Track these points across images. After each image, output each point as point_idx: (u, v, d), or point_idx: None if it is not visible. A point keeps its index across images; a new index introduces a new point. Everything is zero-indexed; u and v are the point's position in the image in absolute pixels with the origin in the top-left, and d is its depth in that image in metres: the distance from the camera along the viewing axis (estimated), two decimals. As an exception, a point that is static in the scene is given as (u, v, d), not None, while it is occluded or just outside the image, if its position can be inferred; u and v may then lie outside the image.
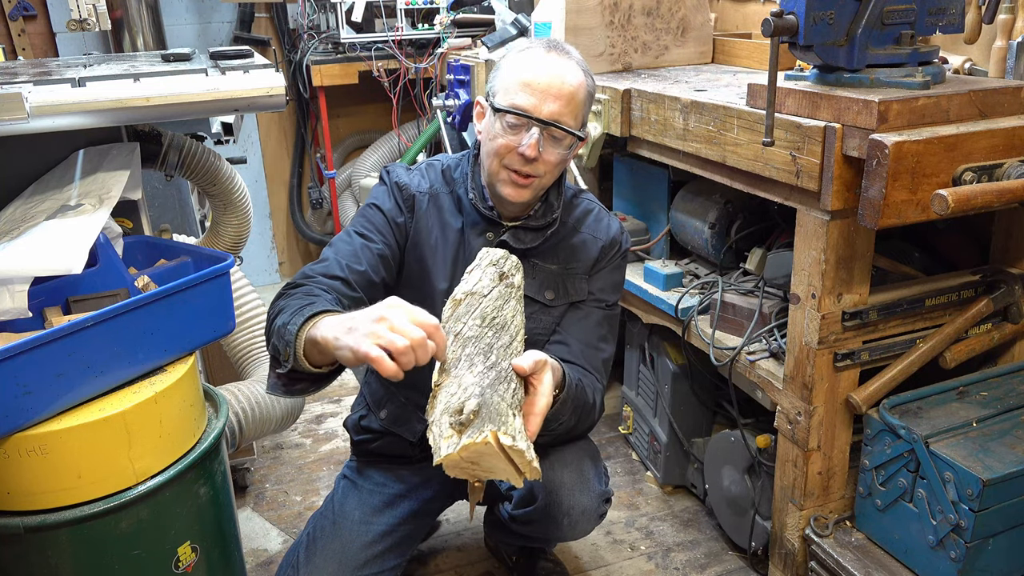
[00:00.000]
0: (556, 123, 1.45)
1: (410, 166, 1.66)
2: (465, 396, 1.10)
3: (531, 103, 1.44)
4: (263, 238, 4.07)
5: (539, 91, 1.44)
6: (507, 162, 1.48)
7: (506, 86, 1.47)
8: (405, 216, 1.58)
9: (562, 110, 1.45)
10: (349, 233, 1.55)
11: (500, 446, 1.05)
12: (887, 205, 1.33)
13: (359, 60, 3.30)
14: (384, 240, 1.55)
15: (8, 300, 1.21)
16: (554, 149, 1.48)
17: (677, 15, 2.38)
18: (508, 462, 1.08)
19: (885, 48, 1.47)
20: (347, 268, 1.45)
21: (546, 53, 1.48)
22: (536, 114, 1.44)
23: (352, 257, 1.49)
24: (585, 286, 1.63)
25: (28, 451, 1.17)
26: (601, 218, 1.67)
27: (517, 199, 1.51)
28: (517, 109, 1.44)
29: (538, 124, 1.45)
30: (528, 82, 1.45)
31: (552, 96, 1.44)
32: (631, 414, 2.45)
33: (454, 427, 1.07)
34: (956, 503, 1.45)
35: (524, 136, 1.45)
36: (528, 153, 1.44)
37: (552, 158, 1.48)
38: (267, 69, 1.56)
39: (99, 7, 2.43)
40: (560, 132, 1.46)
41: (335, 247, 1.52)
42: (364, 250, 1.51)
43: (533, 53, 1.48)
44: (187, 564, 1.36)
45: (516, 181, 1.49)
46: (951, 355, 1.66)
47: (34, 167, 1.54)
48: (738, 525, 2.02)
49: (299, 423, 2.72)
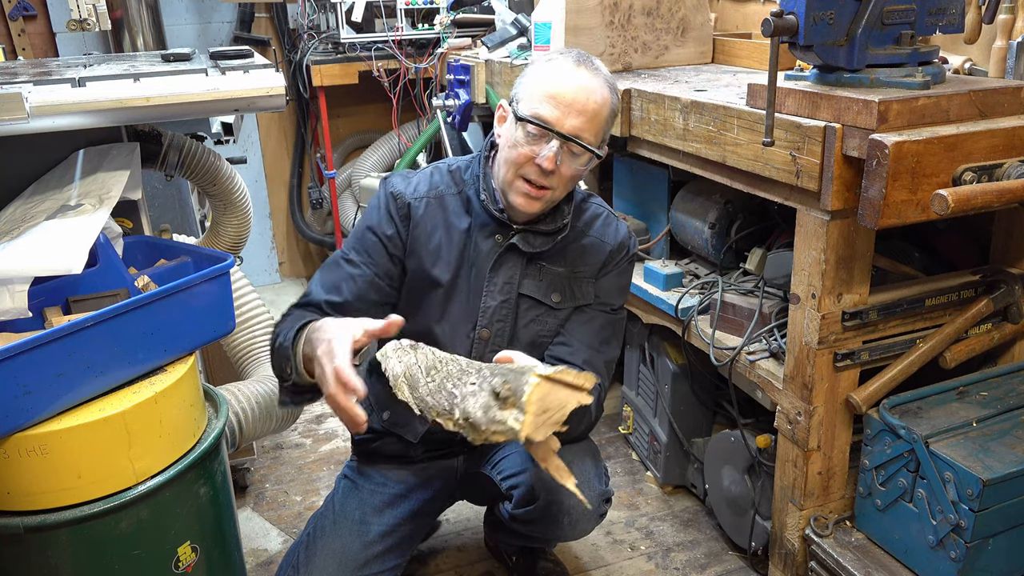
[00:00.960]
0: (576, 139, 1.44)
1: (413, 171, 1.66)
2: (485, 389, 1.17)
3: (554, 116, 1.43)
4: (263, 238, 4.07)
5: (563, 104, 1.43)
6: (523, 172, 1.48)
7: (531, 95, 1.46)
8: (399, 228, 1.57)
9: (584, 126, 1.44)
10: (338, 261, 1.59)
11: (548, 378, 1.14)
12: (887, 205, 1.33)
13: (359, 60, 3.30)
14: (372, 261, 1.56)
15: (8, 300, 1.21)
16: (571, 164, 1.47)
17: (677, 15, 2.38)
18: (565, 387, 1.17)
19: (885, 48, 1.47)
20: (326, 303, 1.52)
21: (575, 67, 1.47)
22: (558, 127, 1.43)
23: (335, 291, 1.54)
24: (591, 290, 1.64)
25: (28, 451, 1.17)
26: (610, 222, 1.67)
27: (527, 209, 1.51)
28: (539, 120, 1.44)
29: (558, 138, 1.44)
30: (553, 94, 1.44)
31: (576, 111, 1.44)
32: (631, 414, 2.45)
33: (503, 408, 1.13)
34: (956, 503, 1.45)
35: (543, 147, 1.45)
36: (546, 165, 1.44)
37: (568, 172, 1.48)
38: (267, 69, 1.56)
39: (99, 7, 2.43)
40: (579, 148, 1.46)
41: (322, 276, 1.58)
42: (348, 280, 1.55)
43: (562, 65, 1.47)
44: (187, 564, 1.36)
45: (529, 192, 1.49)
46: (951, 355, 1.66)
47: (34, 167, 1.54)
48: (738, 525, 2.02)
49: (299, 423, 2.72)
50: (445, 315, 1.60)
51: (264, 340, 2.10)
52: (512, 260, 1.59)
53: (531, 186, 1.49)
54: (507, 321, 1.61)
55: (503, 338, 1.61)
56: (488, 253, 1.58)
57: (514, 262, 1.59)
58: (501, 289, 1.59)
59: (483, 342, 1.61)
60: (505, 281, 1.59)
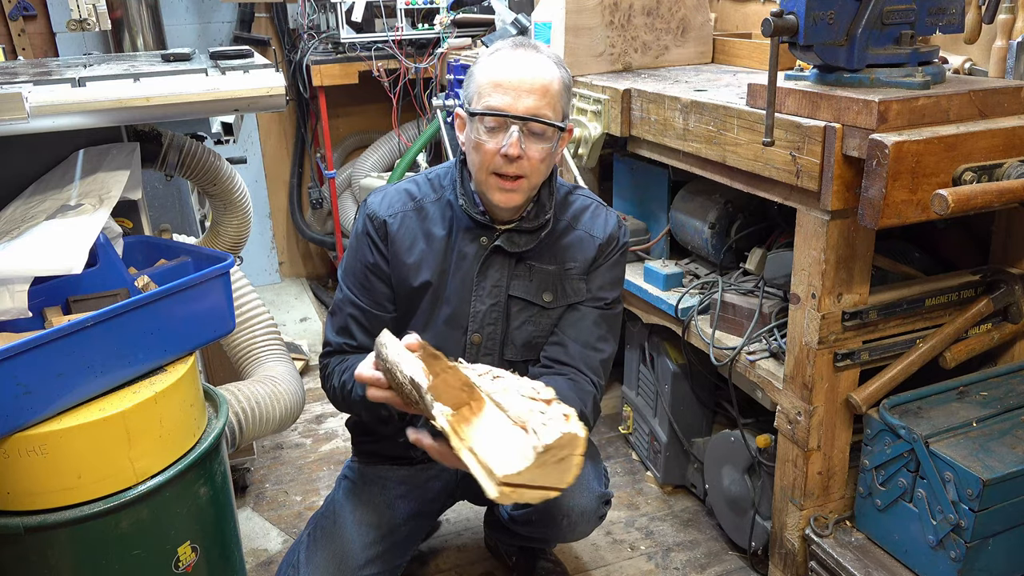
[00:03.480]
0: (535, 117, 1.43)
1: (391, 185, 1.66)
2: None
3: (506, 102, 1.42)
4: (263, 238, 4.07)
5: (512, 88, 1.42)
6: (493, 167, 1.46)
7: (479, 90, 1.46)
8: (380, 250, 1.58)
9: (538, 103, 1.43)
10: (339, 304, 1.64)
11: (511, 485, 1.07)
12: (887, 205, 1.33)
13: (359, 60, 3.30)
14: (368, 292, 1.60)
15: (8, 300, 1.21)
16: (536, 145, 1.45)
17: (677, 15, 2.38)
18: (532, 489, 1.11)
19: (885, 48, 1.47)
20: (345, 346, 1.61)
21: (513, 51, 1.47)
22: (512, 111, 1.42)
23: (346, 334, 1.62)
24: (583, 286, 1.62)
25: (28, 451, 1.17)
26: (598, 214, 1.64)
27: (508, 204, 1.49)
28: (493, 110, 1.42)
29: (516, 121, 1.42)
30: (499, 82, 1.43)
31: (525, 91, 1.42)
32: (631, 414, 2.45)
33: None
34: (956, 503, 1.45)
35: (504, 136, 1.43)
36: (511, 152, 1.42)
37: (536, 155, 1.45)
38: (267, 69, 1.56)
39: (99, 7, 2.44)
40: (540, 126, 1.44)
41: (332, 323, 1.65)
42: (353, 322, 1.61)
43: (501, 54, 1.47)
44: (187, 564, 1.36)
45: (504, 186, 1.47)
46: (951, 355, 1.66)
47: (34, 167, 1.54)
48: (738, 525, 2.02)
49: (299, 423, 2.72)
50: (435, 321, 1.60)
51: (264, 340, 2.10)
52: (499, 262, 1.58)
53: (504, 179, 1.47)
54: (498, 324, 1.59)
55: (495, 342, 1.60)
56: (474, 257, 1.57)
57: (501, 264, 1.58)
58: (490, 293, 1.58)
59: (475, 347, 1.61)
60: (493, 284, 1.58)
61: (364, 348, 1.56)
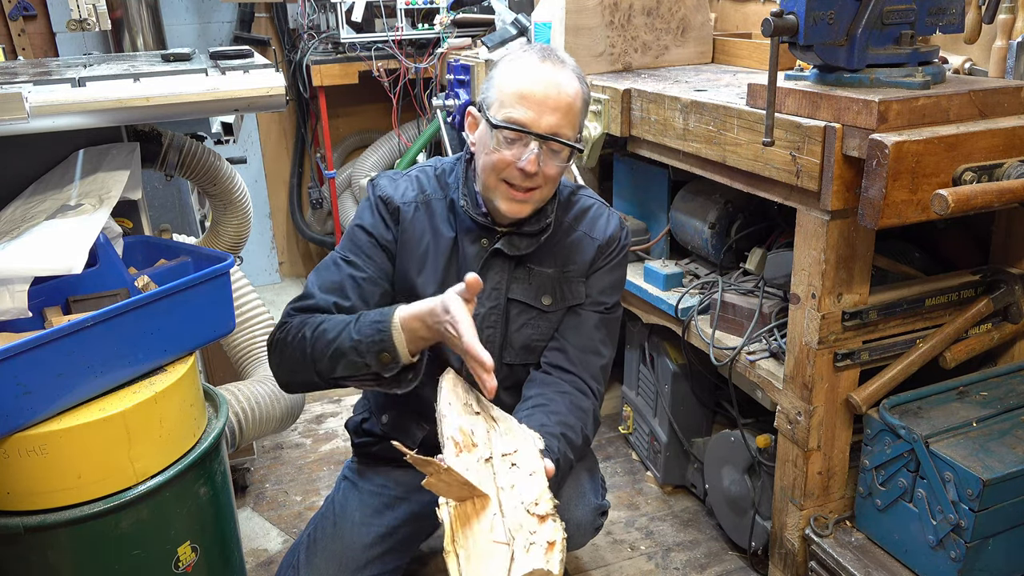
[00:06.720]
0: (555, 137, 1.42)
1: (401, 172, 1.63)
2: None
3: (529, 117, 1.41)
4: (263, 238, 4.08)
5: (536, 103, 1.41)
6: (505, 176, 1.45)
7: (501, 98, 1.44)
8: (392, 230, 1.56)
9: (560, 122, 1.42)
10: (336, 262, 1.55)
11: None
12: (887, 205, 1.33)
13: (359, 60, 3.30)
14: (372, 262, 1.54)
15: (8, 300, 1.21)
16: (553, 162, 1.44)
17: (677, 15, 2.38)
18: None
19: (885, 48, 1.47)
20: (335, 307, 1.49)
21: (541, 62, 1.44)
22: (535, 128, 1.41)
23: (339, 293, 1.50)
24: (583, 289, 1.61)
25: (28, 451, 1.17)
26: (599, 215, 1.63)
27: (517, 214, 1.49)
28: (515, 124, 1.41)
29: (537, 139, 1.41)
30: (524, 94, 1.41)
31: (550, 108, 1.41)
32: (631, 414, 2.45)
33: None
34: (956, 503, 1.45)
35: (522, 151, 1.42)
36: (528, 169, 1.41)
37: (552, 171, 1.45)
38: (267, 69, 1.56)
39: (99, 7, 2.44)
40: (559, 145, 1.43)
41: (320, 277, 1.54)
42: (350, 281, 1.52)
43: (528, 63, 1.44)
44: (187, 564, 1.36)
45: (515, 197, 1.46)
46: (951, 355, 1.66)
47: (34, 167, 1.54)
48: (738, 525, 2.02)
49: (299, 423, 2.72)
50: None
51: (264, 340, 2.10)
52: (499, 265, 1.57)
53: (516, 190, 1.46)
54: (497, 327, 1.58)
55: (494, 344, 1.59)
56: (474, 259, 1.55)
57: (501, 266, 1.57)
58: (489, 295, 1.56)
59: None
60: (493, 287, 1.57)
61: (353, 311, 1.49)
